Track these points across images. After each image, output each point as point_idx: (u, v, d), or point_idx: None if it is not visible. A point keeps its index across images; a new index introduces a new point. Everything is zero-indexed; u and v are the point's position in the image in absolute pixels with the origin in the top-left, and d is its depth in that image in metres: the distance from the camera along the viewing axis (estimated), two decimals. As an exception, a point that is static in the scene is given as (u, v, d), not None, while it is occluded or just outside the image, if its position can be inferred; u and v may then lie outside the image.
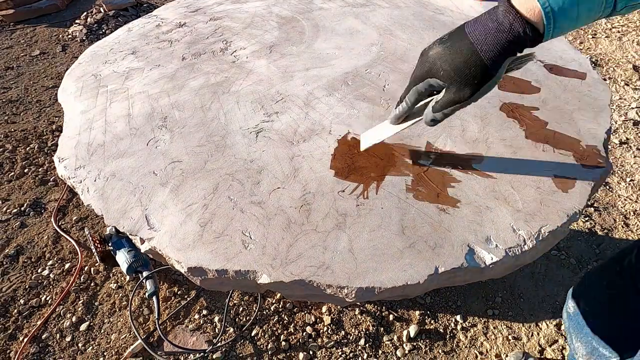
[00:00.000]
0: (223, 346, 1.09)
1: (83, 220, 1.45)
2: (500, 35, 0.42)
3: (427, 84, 0.49)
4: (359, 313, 1.14)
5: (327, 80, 0.86)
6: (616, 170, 1.58)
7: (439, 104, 0.49)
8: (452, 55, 0.44)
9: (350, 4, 1.18)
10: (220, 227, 0.58)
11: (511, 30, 0.41)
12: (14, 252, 1.35)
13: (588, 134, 0.71)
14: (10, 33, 2.74)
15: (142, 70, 0.94)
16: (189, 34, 1.08)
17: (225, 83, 0.87)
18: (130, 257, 1.16)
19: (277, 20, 1.12)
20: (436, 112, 0.50)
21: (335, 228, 0.57)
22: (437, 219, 0.58)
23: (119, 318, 1.16)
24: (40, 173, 1.66)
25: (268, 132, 0.74)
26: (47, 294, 1.23)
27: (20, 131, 1.86)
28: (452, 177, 0.63)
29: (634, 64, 2.10)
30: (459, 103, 0.47)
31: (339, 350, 1.07)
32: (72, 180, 0.69)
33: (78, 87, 0.91)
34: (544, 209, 0.58)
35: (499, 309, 1.16)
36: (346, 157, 0.68)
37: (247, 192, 0.63)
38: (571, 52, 0.93)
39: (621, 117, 1.80)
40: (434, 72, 0.47)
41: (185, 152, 0.71)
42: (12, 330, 1.15)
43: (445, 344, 1.09)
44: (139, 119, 0.79)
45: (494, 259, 0.54)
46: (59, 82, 2.17)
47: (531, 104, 0.77)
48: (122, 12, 2.77)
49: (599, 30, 2.41)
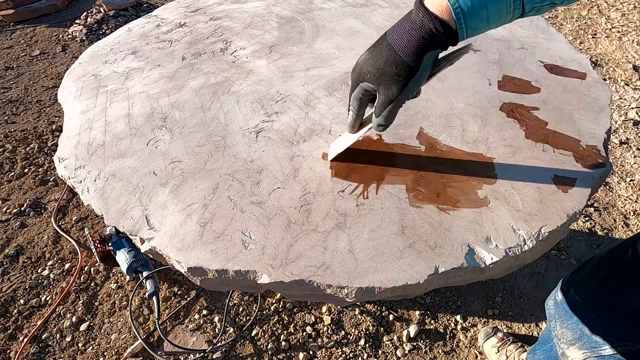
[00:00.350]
0: (223, 346, 1.09)
1: (83, 220, 1.46)
2: (414, 32, 0.44)
3: (361, 89, 0.51)
4: (359, 313, 1.14)
5: (327, 80, 0.86)
6: (616, 170, 1.58)
7: (377, 108, 0.51)
8: (375, 58, 0.47)
9: (350, 4, 1.18)
10: (220, 227, 0.58)
11: (422, 27, 0.43)
12: (14, 252, 1.35)
13: (588, 134, 0.71)
14: (10, 33, 2.74)
15: (142, 70, 0.94)
16: (189, 34, 1.08)
17: (225, 83, 0.87)
18: (130, 257, 1.16)
19: (277, 20, 1.12)
20: (378, 117, 0.51)
21: (335, 228, 0.57)
22: (437, 219, 0.58)
23: (119, 318, 1.16)
24: (40, 173, 1.66)
25: (268, 132, 0.74)
26: (47, 294, 1.23)
27: (20, 131, 1.86)
28: (452, 178, 0.63)
29: (634, 64, 2.10)
30: (391, 102, 0.49)
31: (339, 350, 1.07)
32: (72, 180, 0.69)
33: (78, 87, 0.91)
34: (544, 209, 0.58)
35: (499, 309, 1.16)
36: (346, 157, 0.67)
37: (247, 192, 0.63)
38: (571, 52, 0.93)
39: (621, 117, 1.80)
40: (362, 76, 0.49)
41: (185, 152, 0.71)
42: (12, 330, 1.15)
43: (445, 344, 1.09)
44: (139, 119, 0.79)
45: (494, 259, 0.54)
46: (59, 82, 2.17)
47: (531, 104, 0.77)
48: (122, 12, 2.77)
49: (599, 30, 2.41)
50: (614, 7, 2.60)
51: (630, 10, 2.54)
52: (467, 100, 0.78)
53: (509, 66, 0.88)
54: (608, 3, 2.65)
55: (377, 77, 0.48)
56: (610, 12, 2.56)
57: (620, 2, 2.63)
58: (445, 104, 0.78)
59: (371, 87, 0.50)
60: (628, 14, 2.51)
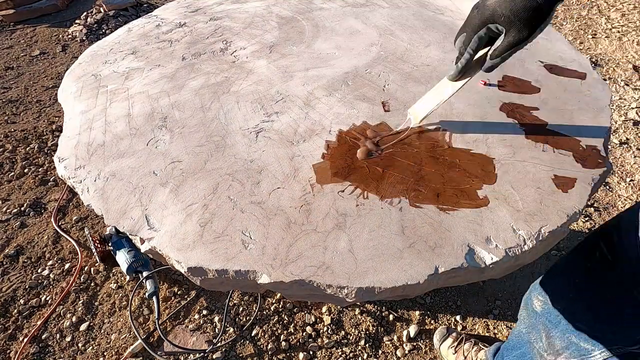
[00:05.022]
0: (223, 346, 1.09)
1: (83, 220, 1.46)
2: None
3: (488, 30, 0.54)
4: (359, 313, 1.14)
5: (327, 80, 0.86)
6: (616, 170, 1.58)
7: (497, 50, 0.54)
8: (512, 1, 0.50)
9: (350, 4, 1.18)
10: (220, 227, 0.58)
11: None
12: (14, 252, 1.35)
13: (588, 134, 0.71)
14: (10, 33, 2.74)
15: (142, 70, 0.94)
16: (189, 34, 1.08)
17: (225, 83, 0.87)
18: (130, 257, 1.16)
19: (277, 20, 1.12)
20: (495, 59, 0.55)
21: (335, 228, 0.57)
22: (437, 219, 0.58)
23: (119, 318, 1.16)
24: (40, 173, 1.66)
25: (268, 132, 0.74)
26: (47, 294, 1.23)
27: (20, 131, 1.86)
28: (451, 178, 0.63)
29: (634, 64, 2.10)
30: (518, 45, 0.52)
31: (339, 350, 1.07)
32: (72, 180, 0.69)
33: (78, 87, 0.91)
34: (544, 209, 0.58)
35: (499, 309, 1.16)
36: (346, 157, 0.68)
37: (247, 192, 0.63)
38: (571, 52, 0.93)
39: (621, 117, 1.80)
40: (495, 17, 0.52)
41: (185, 152, 0.71)
42: (12, 330, 1.15)
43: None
44: (139, 119, 0.79)
45: (494, 259, 0.54)
46: (59, 82, 2.17)
47: (531, 104, 0.77)
48: (122, 12, 2.77)
49: (599, 30, 2.41)
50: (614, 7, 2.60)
51: (630, 10, 2.54)
52: (467, 100, 0.78)
53: (509, 66, 0.88)
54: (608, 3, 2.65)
55: (512, 20, 0.51)
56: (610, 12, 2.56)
57: (620, 2, 2.63)
58: (445, 104, 0.78)
59: (499, 29, 0.53)
60: (628, 14, 2.51)
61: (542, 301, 0.70)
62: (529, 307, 0.75)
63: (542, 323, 0.71)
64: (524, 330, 0.78)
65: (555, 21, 2.57)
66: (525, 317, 0.77)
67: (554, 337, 0.68)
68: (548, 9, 0.50)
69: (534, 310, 0.73)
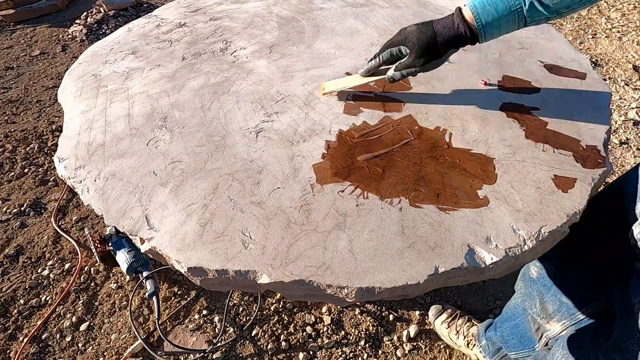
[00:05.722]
0: (223, 346, 1.09)
1: (83, 220, 1.46)
2: (451, 30, 0.63)
3: (399, 49, 0.68)
4: (359, 313, 1.14)
5: (327, 80, 0.86)
6: (616, 170, 1.58)
7: (400, 65, 0.68)
8: (420, 34, 0.65)
9: (350, 4, 1.18)
10: (220, 227, 0.58)
11: (458, 29, 0.63)
12: (14, 252, 1.35)
13: (588, 134, 0.71)
14: (10, 33, 2.74)
15: (142, 70, 0.94)
16: (189, 34, 1.08)
17: (225, 83, 0.87)
18: (130, 257, 1.16)
19: (277, 20, 1.12)
20: (395, 72, 0.69)
21: (335, 228, 0.57)
22: (437, 218, 0.58)
23: (119, 318, 1.16)
24: (40, 173, 1.66)
25: (268, 132, 0.74)
26: (47, 294, 1.23)
27: (20, 131, 1.86)
28: (452, 178, 0.63)
29: (634, 64, 2.10)
30: (414, 67, 0.67)
31: (339, 350, 1.07)
32: (72, 180, 0.69)
33: (78, 87, 0.91)
34: (543, 209, 0.58)
35: (499, 309, 1.15)
36: (346, 157, 0.68)
37: (247, 192, 0.63)
38: (571, 52, 0.93)
39: (621, 117, 1.80)
40: (406, 41, 0.66)
41: (185, 152, 0.71)
42: (12, 330, 1.15)
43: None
44: (139, 119, 0.79)
45: (494, 259, 0.54)
46: (59, 82, 2.17)
47: (531, 104, 0.77)
48: (122, 12, 2.77)
49: (599, 30, 2.41)
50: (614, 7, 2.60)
51: (630, 10, 2.54)
52: (467, 100, 0.78)
53: (509, 66, 0.88)
54: (608, 3, 2.65)
55: (415, 47, 0.65)
56: (610, 12, 2.56)
57: (620, 2, 2.63)
58: (445, 104, 0.78)
59: (406, 52, 0.67)
60: (628, 14, 2.51)
61: (539, 267, 0.76)
62: (525, 277, 0.81)
63: (536, 290, 0.76)
64: (520, 300, 0.83)
65: (555, 21, 2.57)
66: (522, 286, 0.83)
67: (546, 302, 0.74)
68: (444, 50, 0.64)
69: (530, 278, 0.78)
